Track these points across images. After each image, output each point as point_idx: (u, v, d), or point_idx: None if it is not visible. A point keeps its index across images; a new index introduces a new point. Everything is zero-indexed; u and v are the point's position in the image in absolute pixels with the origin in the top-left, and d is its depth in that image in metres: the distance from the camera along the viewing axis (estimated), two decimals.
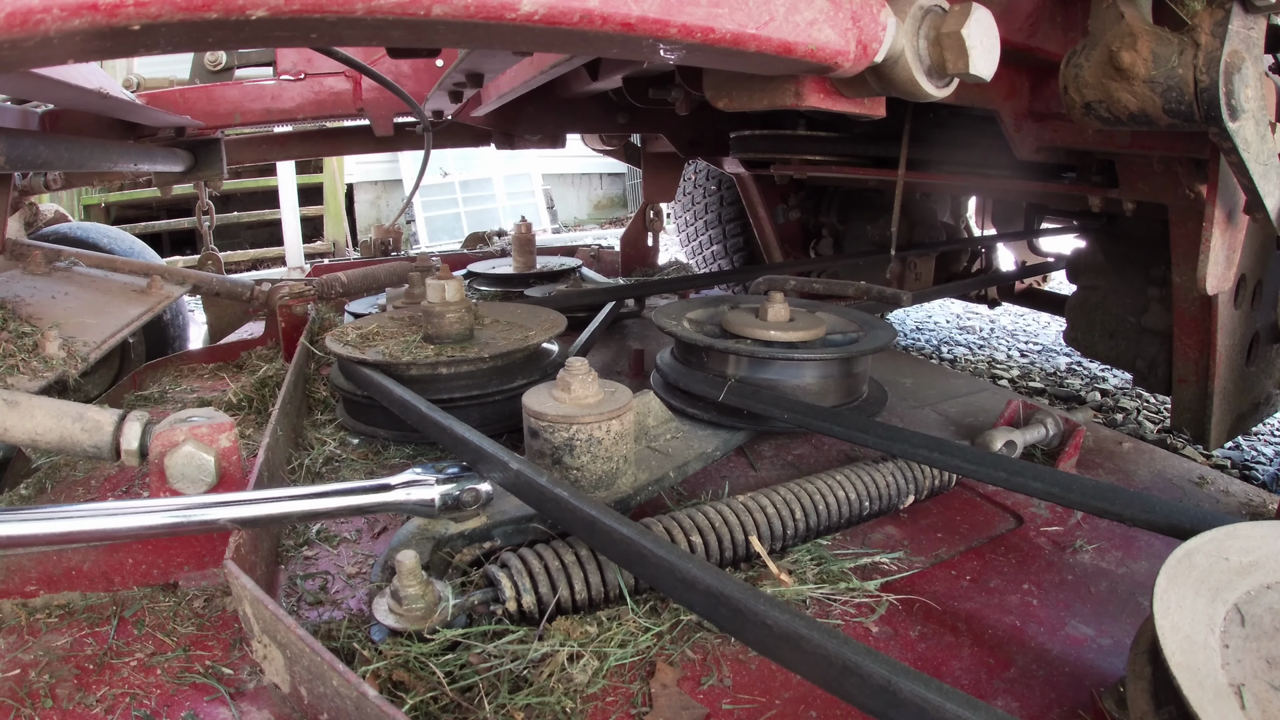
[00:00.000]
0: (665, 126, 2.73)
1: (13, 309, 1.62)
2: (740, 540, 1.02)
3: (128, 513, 0.84)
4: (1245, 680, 0.61)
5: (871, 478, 1.16)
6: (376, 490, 0.94)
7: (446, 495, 0.96)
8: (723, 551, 1.02)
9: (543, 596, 0.89)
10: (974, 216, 3.51)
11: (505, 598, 0.88)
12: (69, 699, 0.80)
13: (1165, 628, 0.64)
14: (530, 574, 0.90)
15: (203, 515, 0.86)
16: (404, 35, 0.64)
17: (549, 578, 0.90)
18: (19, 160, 1.53)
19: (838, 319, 1.60)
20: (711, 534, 1.01)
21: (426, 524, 1.00)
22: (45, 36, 0.47)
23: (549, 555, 0.93)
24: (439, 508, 0.96)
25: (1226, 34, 0.87)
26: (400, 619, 0.83)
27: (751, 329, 1.44)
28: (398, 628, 0.82)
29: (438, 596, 0.85)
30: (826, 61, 0.79)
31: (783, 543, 1.07)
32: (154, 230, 6.92)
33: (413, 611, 0.83)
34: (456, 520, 1.00)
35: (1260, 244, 1.46)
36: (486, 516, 1.02)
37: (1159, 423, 2.87)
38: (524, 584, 0.89)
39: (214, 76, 2.60)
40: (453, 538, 1.00)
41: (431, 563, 0.97)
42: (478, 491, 0.98)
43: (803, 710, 0.80)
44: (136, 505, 0.86)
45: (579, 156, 9.47)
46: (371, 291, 2.44)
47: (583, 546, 0.94)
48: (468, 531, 1.01)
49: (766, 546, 1.03)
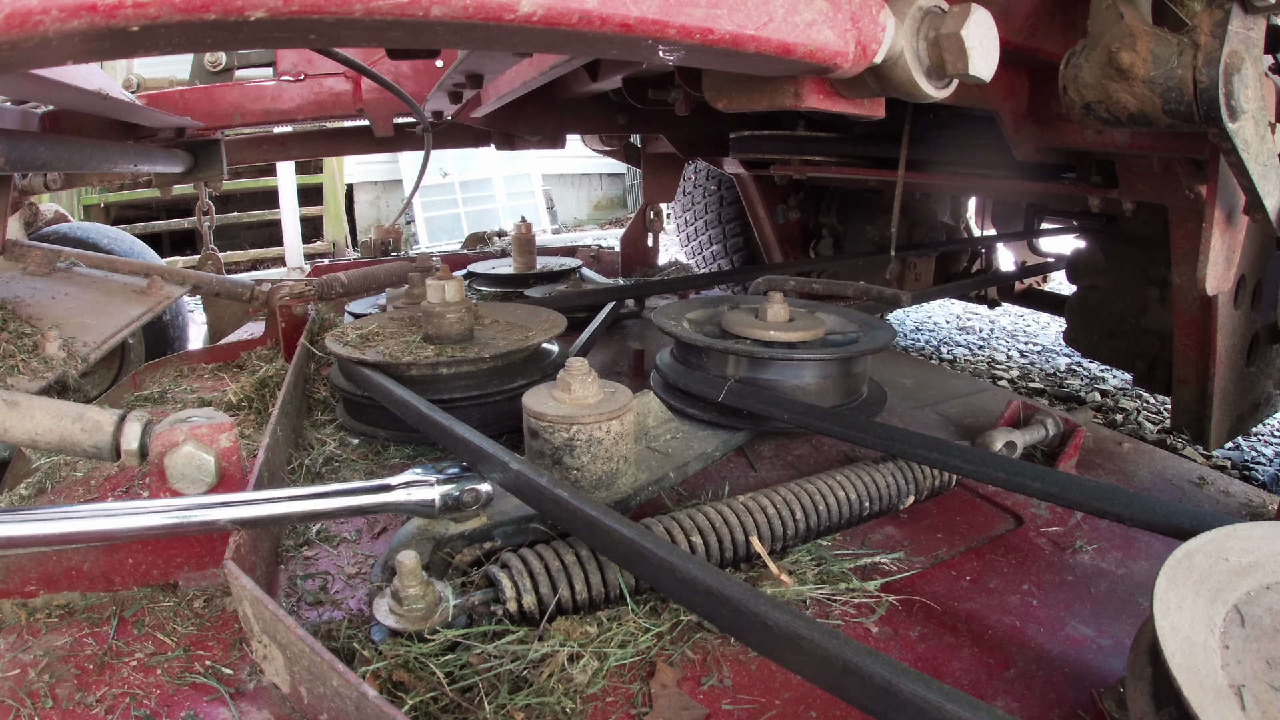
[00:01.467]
0: (665, 127, 2.73)
1: (13, 309, 1.62)
2: (740, 540, 1.02)
3: (127, 513, 0.84)
4: (1245, 681, 0.61)
5: (871, 478, 1.16)
6: (377, 491, 0.94)
7: (447, 496, 0.96)
8: (723, 552, 1.02)
9: (543, 597, 0.89)
10: (974, 217, 3.51)
11: (506, 598, 0.88)
12: (69, 699, 0.80)
13: (1165, 628, 0.64)
14: (531, 574, 0.90)
15: (202, 516, 0.86)
16: (403, 36, 0.64)
17: (549, 578, 0.90)
18: (19, 161, 1.53)
19: (838, 319, 1.60)
20: (712, 534, 1.01)
21: (427, 524, 1.00)
22: (44, 37, 0.47)
23: (549, 555, 0.93)
24: (439, 508, 0.96)
25: (1226, 34, 0.87)
26: (401, 619, 0.83)
27: (751, 329, 1.44)
28: (398, 628, 0.82)
29: (438, 597, 0.85)
30: (826, 62, 0.79)
31: (783, 543, 1.07)
32: (154, 230, 6.93)
33: (413, 612, 0.83)
34: (456, 521, 1.00)
35: (1260, 244, 1.46)
36: (487, 517, 1.02)
37: (1159, 423, 2.87)
38: (524, 584, 0.89)
39: (214, 77, 2.60)
40: (453, 538, 1.00)
41: (432, 563, 0.97)
42: (478, 492, 0.98)
43: (803, 710, 0.80)
44: (136, 506, 0.86)
45: (579, 157, 9.48)
46: (371, 292, 2.44)
47: (583, 546, 0.94)
48: (468, 532, 1.00)
49: (766, 547, 1.03)
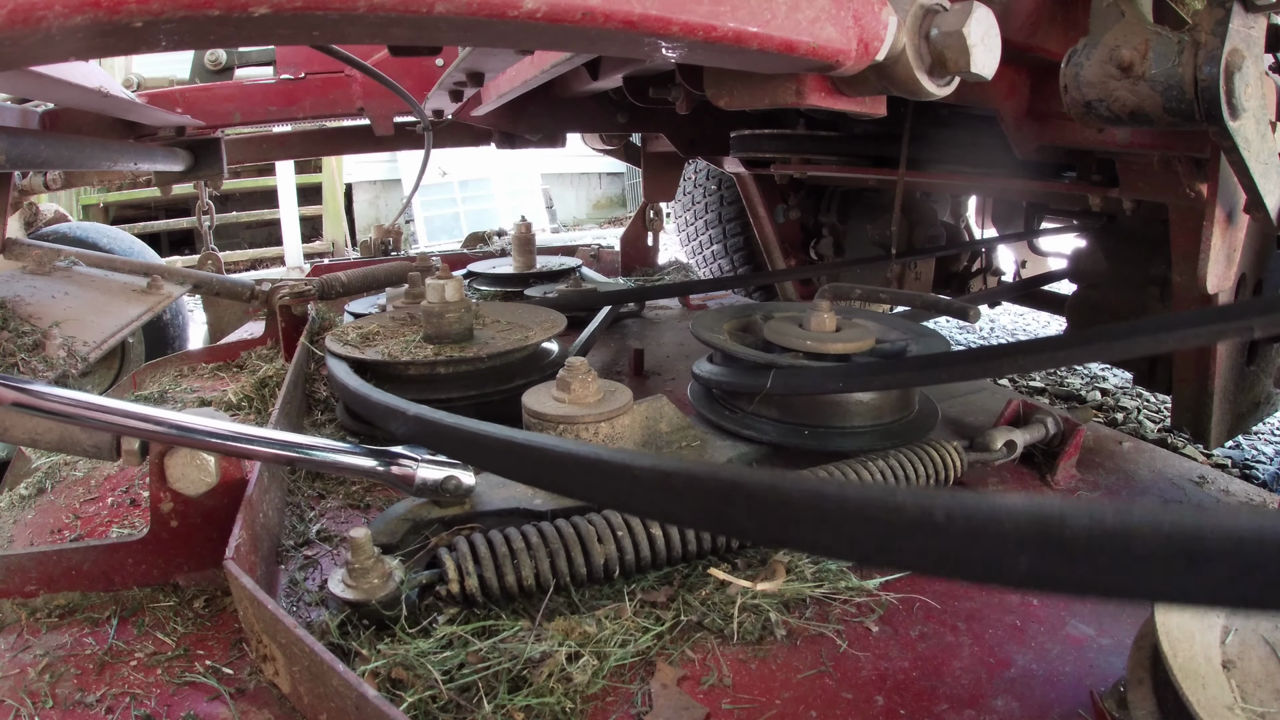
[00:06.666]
0: (665, 126, 2.73)
1: (13, 308, 1.61)
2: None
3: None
4: (1246, 681, 0.61)
5: (867, 471, 1.15)
6: (364, 454, 0.96)
7: (426, 478, 0.97)
8: (685, 545, 1.01)
9: (486, 580, 0.90)
10: (974, 216, 3.51)
11: (449, 579, 0.90)
12: (69, 699, 0.80)
13: (1166, 628, 0.64)
14: (476, 558, 0.92)
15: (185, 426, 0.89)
16: (406, 33, 0.64)
17: (495, 563, 0.92)
18: (19, 159, 1.53)
19: (879, 326, 1.52)
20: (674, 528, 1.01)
21: (414, 509, 1.02)
22: (47, 33, 0.47)
23: (498, 541, 0.94)
24: (416, 487, 0.97)
25: (1227, 33, 0.87)
26: (353, 590, 0.85)
27: (798, 340, 1.37)
28: (350, 599, 0.85)
29: (387, 572, 0.87)
30: (828, 59, 0.79)
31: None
32: (153, 230, 6.93)
33: (364, 584, 0.85)
34: (441, 506, 1.03)
35: (1260, 243, 1.46)
36: (471, 505, 1.04)
37: (1159, 422, 2.88)
38: (468, 567, 0.91)
39: (214, 75, 2.60)
40: (431, 522, 1.02)
41: (403, 543, 0.99)
42: (459, 480, 0.99)
43: (803, 710, 0.80)
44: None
45: (578, 156, 9.47)
46: (371, 291, 2.44)
47: (534, 534, 0.95)
48: (448, 518, 1.02)
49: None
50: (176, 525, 0.97)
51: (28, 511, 1.26)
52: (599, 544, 0.95)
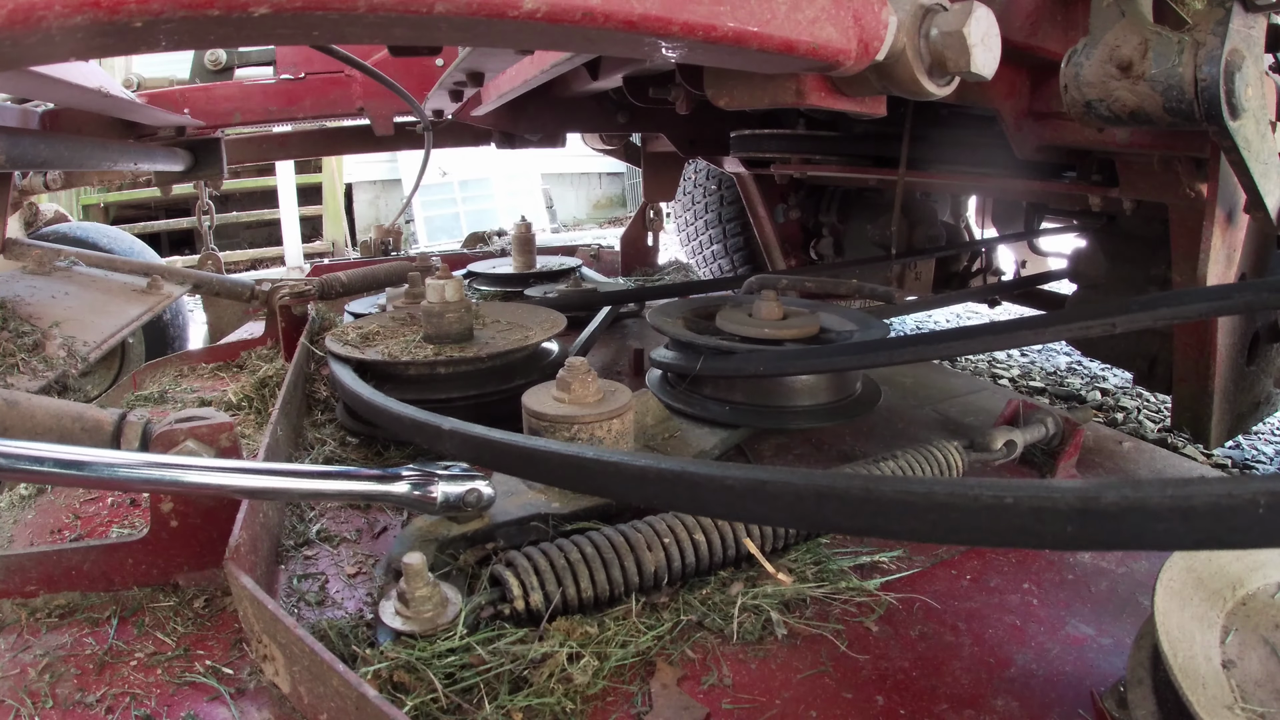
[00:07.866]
0: (665, 126, 2.73)
1: (13, 308, 1.61)
2: (733, 540, 1.02)
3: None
4: (1246, 681, 0.61)
5: (879, 470, 1.16)
6: (381, 479, 0.93)
7: (449, 494, 0.95)
8: (725, 550, 1.01)
9: (549, 594, 0.89)
10: (974, 216, 3.51)
11: (513, 596, 0.87)
12: (69, 699, 0.80)
13: (1166, 628, 0.64)
14: (537, 571, 0.90)
15: (206, 479, 0.82)
16: (407, 33, 0.64)
17: (555, 575, 0.90)
18: (19, 159, 1.53)
19: (836, 318, 1.60)
20: (715, 533, 1.01)
21: (428, 527, 0.99)
22: (47, 33, 0.47)
23: (554, 553, 0.93)
24: (440, 505, 0.95)
25: (1227, 33, 0.87)
26: (409, 621, 0.81)
27: (742, 326, 1.46)
28: (406, 630, 0.81)
29: (444, 598, 0.85)
30: (829, 59, 0.79)
31: (783, 541, 1.07)
32: (153, 230, 6.93)
33: (421, 614, 0.82)
34: (459, 522, 1.00)
35: (1260, 243, 1.46)
36: (489, 518, 1.02)
37: (1159, 422, 2.88)
38: (531, 581, 0.89)
39: (214, 75, 2.60)
40: (455, 539, 0.99)
41: (435, 565, 0.97)
42: (480, 493, 0.97)
43: (803, 710, 0.80)
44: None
45: (579, 156, 9.46)
46: (371, 291, 2.44)
47: (587, 545, 0.94)
48: (470, 533, 1.00)
49: (769, 546, 1.03)
50: (176, 525, 0.97)
51: (28, 511, 1.26)
52: (648, 551, 0.94)
